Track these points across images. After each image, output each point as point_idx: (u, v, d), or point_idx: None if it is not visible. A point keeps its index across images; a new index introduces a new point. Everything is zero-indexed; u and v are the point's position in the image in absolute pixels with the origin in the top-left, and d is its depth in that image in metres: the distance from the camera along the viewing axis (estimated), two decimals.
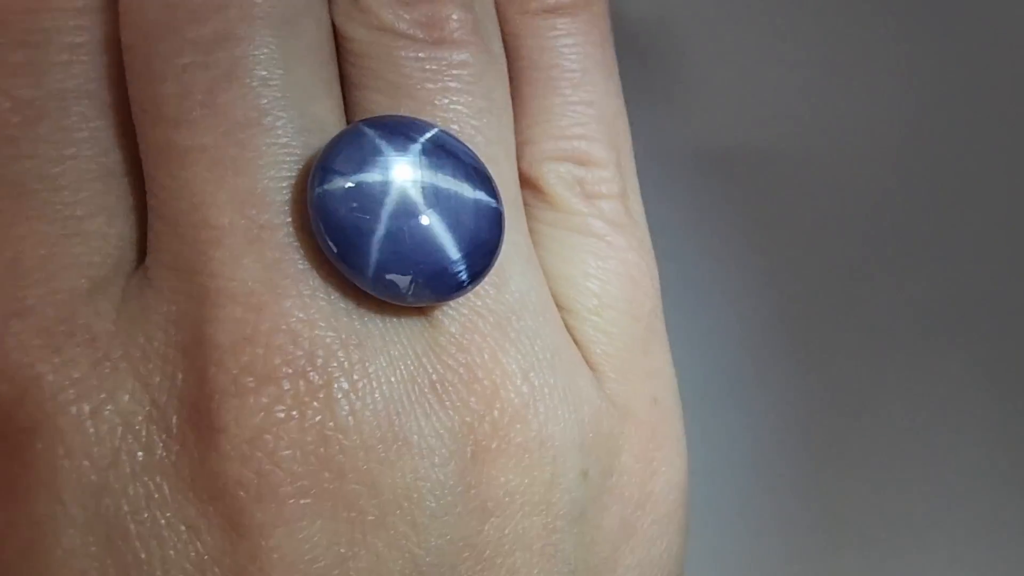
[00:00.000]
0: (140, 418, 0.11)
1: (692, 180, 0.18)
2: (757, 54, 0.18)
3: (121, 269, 0.12)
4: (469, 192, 0.12)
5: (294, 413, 0.11)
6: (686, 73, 0.18)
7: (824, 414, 0.19)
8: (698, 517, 0.15)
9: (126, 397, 0.11)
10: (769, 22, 0.17)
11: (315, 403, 0.11)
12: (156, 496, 0.11)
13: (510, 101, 0.14)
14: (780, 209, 0.18)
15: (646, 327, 0.15)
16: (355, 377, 0.12)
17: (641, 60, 0.17)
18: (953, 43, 0.17)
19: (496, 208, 0.12)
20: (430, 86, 0.13)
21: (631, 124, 0.15)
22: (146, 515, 0.11)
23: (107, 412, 0.11)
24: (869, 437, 0.19)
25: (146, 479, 0.11)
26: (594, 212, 0.14)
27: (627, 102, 0.15)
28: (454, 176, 0.12)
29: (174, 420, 0.11)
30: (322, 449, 0.11)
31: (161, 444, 0.11)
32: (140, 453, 0.11)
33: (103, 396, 0.11)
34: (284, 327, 0.11)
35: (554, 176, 0.14)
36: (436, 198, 0.11)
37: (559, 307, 0.14)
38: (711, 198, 0.18)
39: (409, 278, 0.11)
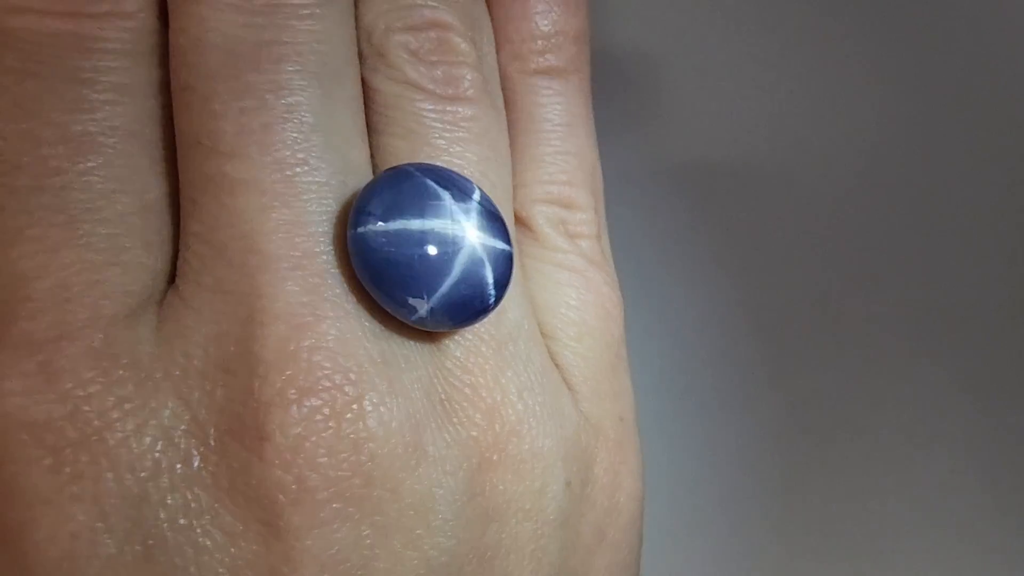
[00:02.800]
0: (180, 432, 0.12)
1: (673, 196, 0.19)
2: (731, 74, 0.19)
3: (154, 297, 0.13)
4: (503, 246, 0.13)
5: (331, 424, 0.12)
6: (661, 93, 0.19)
7: (805, 424, 0.20)
8: (681, 526, 0.17)
9: (167, 413, 0.12)
10: (743, 42, 0.19)
11: (349, 415, 0.12)
12: (193, 505, 0.12)
13: (510, 151, 0.16)
14: (758, 223, 0.19)
15: (615, 354, 0.16)
16: (384, 392, 0.13)
17: (619, 81, 0.18)
18: (927, 59, 0.19)
19: (511, 253, 0.14)
20: (446, 135, 0.14)
21: (610, 143, 0.16)
22: (183, 523, 0.12)
23: (150, 428, 0.12)
24: (848, 447, 0.20)
25: (184, 489, 0.12)
26: (575, 250, 0.16)
27: (607, 121, 0.16)
28: (495, 235, 0.13)
29: (212, 432, 0.12)
30: (355, 457, 0.12)
31: (199, 456, 0.12)
32: (179, 465, 0.12)
33: (146, 413, 0.12)
34: (323, 345, 0.12)
35: (542, 216, 0.16)
36: (490, 254, 0.13)
37: (542, 334, 0.16)
38: (691, 213, 0.19)
39: (431, 305, 0.13)
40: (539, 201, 0.16)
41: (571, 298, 0.16)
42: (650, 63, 0.19)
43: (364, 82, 0.14)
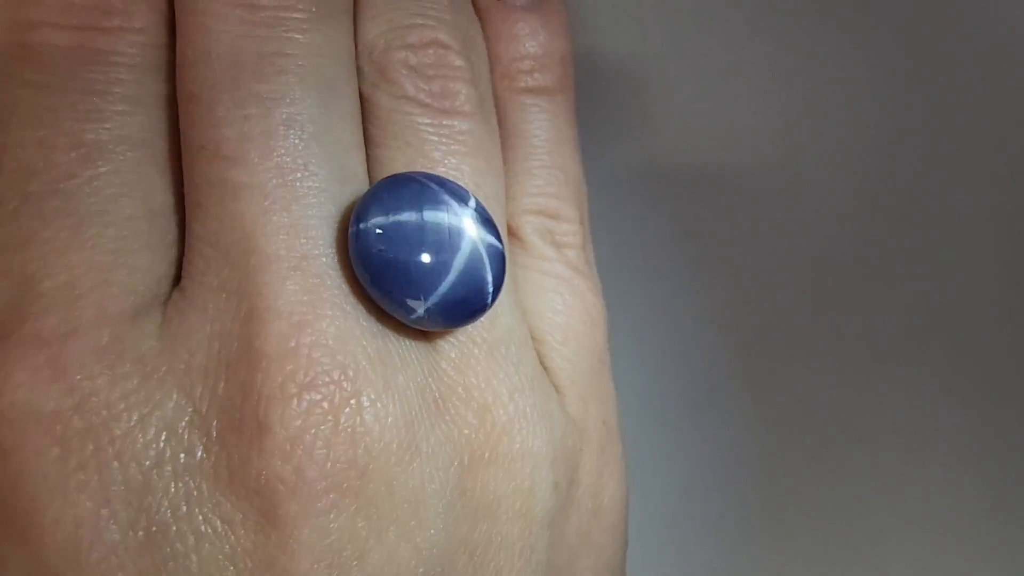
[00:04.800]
0: (183, 425, 0.13)
1: (660, 202, 0.19)
2: (721, 78, 0.19)
3: (158, 297, 0.13)
4: (499, 245, 0.14)
5: (330, 417, 0.13)
6: (650, 98, 0.19)
7: (795, 431, 0.20)
8: (668, 533, 0.17)
9: (171, 407, 0.13)
10: (733, 46, 0.18)
11: (347, 409, 0.13)
12: (195, 494, 0.12)
13: (503, 165, 0.16)
14: (747, 229, 0.19)
15: (599, 359, 0.17)
16: (380, 388, 0.13)
17: (607, 86, 0.18)
18: (924, 64, 0.18)
19: (505, 255, 0.14)
20: (442, 148, 0.15)
21: (598, 147, 0.17)
22: (184, 511, 0.12)
23: (154, 420, 0.13)
24: (839, 455, 0.20)
25: (187, 478, 0.12)
26: (561, 259, 0.17)
27: (594, 126, 0.17)
28: (491, 233, 0.14)
29: (214, 425, 0.13)
30: (351, 450, 0.13)
31: (201, 447, 0.13)
32: (182, 455, 0.13)
33: (151, 406, 0.13)
34: (323, 342, 0.13)
35: (530, 227, 0.17)
36: (489, 252, 0.14)
37: (531, 338, 0.16)
38: (678, 219, 0.19)
39: (428, 306, 0.13)
40: (527, 212, 0.17)
41: (557, 304, 0.17)
42: (639, 67, 0.19)
43: (363, 96, 0.15)
